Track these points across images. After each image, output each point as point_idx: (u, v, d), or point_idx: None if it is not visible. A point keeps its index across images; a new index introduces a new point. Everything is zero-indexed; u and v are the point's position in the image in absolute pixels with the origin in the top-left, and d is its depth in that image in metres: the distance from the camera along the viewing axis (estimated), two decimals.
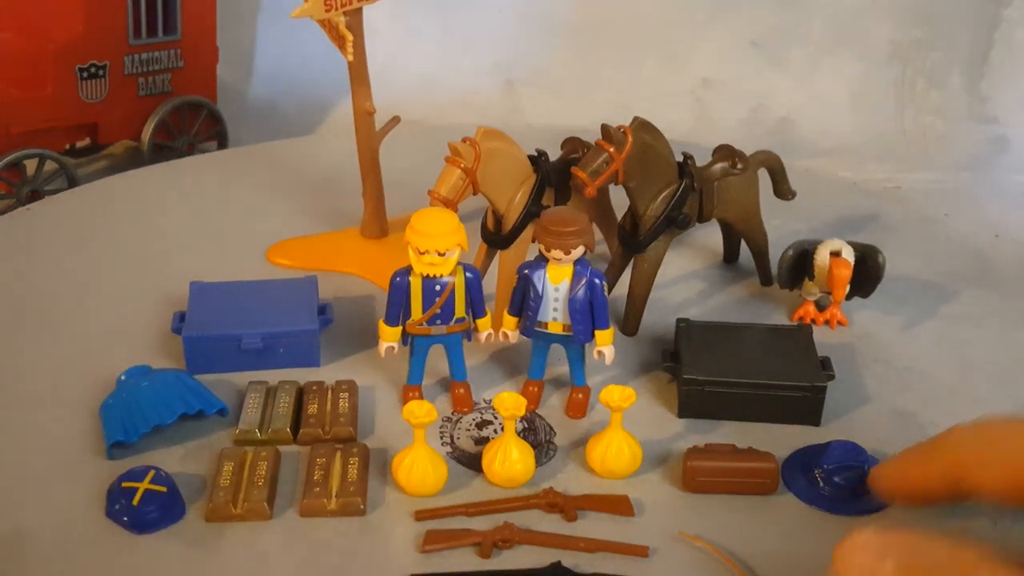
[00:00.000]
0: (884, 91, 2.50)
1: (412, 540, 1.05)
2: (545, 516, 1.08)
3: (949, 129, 2.45)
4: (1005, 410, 1.27)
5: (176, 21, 2.08)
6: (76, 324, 1.40)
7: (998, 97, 2.47)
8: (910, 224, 1.74)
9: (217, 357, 1.28)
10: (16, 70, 1.90)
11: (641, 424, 1.19)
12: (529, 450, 1.13)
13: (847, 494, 1.11)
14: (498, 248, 1.37)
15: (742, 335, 1.30)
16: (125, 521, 1.05)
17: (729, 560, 1.03)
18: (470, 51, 2.58)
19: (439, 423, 1.22)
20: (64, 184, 1.97)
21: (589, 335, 1.18)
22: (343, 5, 1.33)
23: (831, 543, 1.05)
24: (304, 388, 1.25)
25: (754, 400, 1.22)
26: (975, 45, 2.48)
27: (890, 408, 1.27)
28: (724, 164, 1.41)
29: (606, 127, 1.27)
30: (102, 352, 1.33)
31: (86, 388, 1.25)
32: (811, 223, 1.67)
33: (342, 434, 1.18)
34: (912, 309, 1.48)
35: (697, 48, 2.55)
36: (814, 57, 2.52)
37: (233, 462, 1.11)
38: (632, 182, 1.31)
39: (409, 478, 1.09)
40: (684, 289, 1.52)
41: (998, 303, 1.51)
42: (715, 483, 1.11)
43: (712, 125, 2.43)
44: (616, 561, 1.03)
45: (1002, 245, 1.72)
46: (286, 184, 1.81)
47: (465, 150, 1.26)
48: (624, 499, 1.10)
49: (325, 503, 1.07)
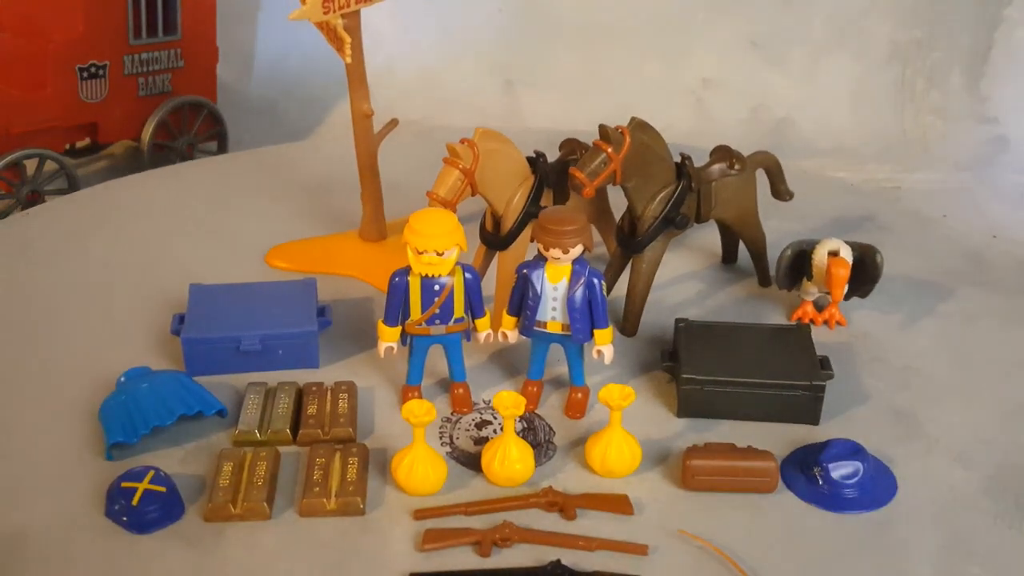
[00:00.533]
0: (884, 91, 2.50)
1: (411, 539, 1.05)
2: (545, 515, 1.09)
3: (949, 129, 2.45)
4: (1002, 409, 1.28)
5: (176, 21, 2.09)
6: (76, 326, 1.40)
7: (998, 97, 2.47)
8: (908, 224, 1.74)
9: (216, 358, 1.28)
10: (16, 70, 1.90)
11: (640, 423, 1.19)
12: (528, 450, 1.13)
13: (846, 492, 1.11)
14: (497, 249, 1.37)
15: (741, 335, 1.30)
16: (125, 521, 1.05)
17: (729, 558, 1.03)
18: (470, 51, 2.58)
19: (438, 423, 1.22)
20: (64, 184, 1.97)
21: (588, 334, 1.18)
22: (341, 8, 1.33)
23: (830, 541, 1.07)
24: (303, 389, 1.25)
25: (753, 399, 1.22)
26: (975, 45, 2.48)
27: (888, 407, 1.27)
28: (722, 165, 1.42)
29: (604, 128, 1.27)
30: (102, 353, 1.33)
31: (86, 389, 1.25)
32: (809, 223, 1.67)
33: (341, 434, 1.18)
34: (910, 308, 1.48)
35: (697, 48, 2.55)
36: (814, 57, 2.52)
37: (232, 462, 1.12)
38: (630, 183, 1.31)
39: (409, 478, 1.09)
40: (683, 289, 1.52)
41: (996, 302, 1.51)
42: (714, 482, 1.12)
43: (712, 125, 2.43)
44: (616, 560, 1.03)
45: (1000, 245, 1.73)
46: (285, 187, 1.81)
47: (463, 151, 1.26)
48: (624, 498, 1.11)
49: (324, 503, 1.08)
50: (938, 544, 1.07)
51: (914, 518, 1.10)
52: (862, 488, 1.12)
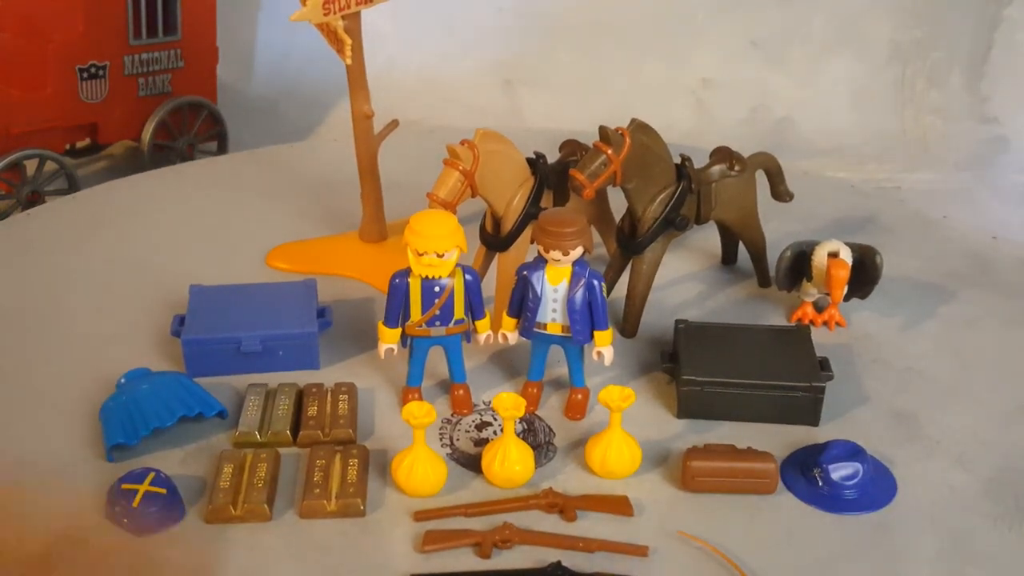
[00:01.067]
0: (884, 91, 2.50)
1: (412, 541, 1.05)
2: (545, 516, 1.09)
3: (949, 129, 2.45)
4: (1003, 410, 1.28)
5: (176, 21, 2.08)
6: (76, 327, 1.40)
7: (998, 97, 2.47)
8: (908, 225, 1.74)
9: (216, 360, 1.28)
10: (16, 70, 1.90)
11: (640, 424, 1.19)
12: (528, 451, 1.13)
13: (846, 493, 1.11)
14: (497, 250, 1.37)
15: (741, 336, 1.30)
16: (125, 523, 1.05)
17: (729, 559, 1.03)
18: (470, 51, 2.58)
19: (438, 424, 1.22)
20: (64, 184, 1.97)
21: (588, 336, 1.18)
22: (341, 9, 1.33)
23: (830, 542, 1.07)
24: (304, 390, 1.25)
25: (753, 400, 1.22)
26: (975, 45, 2.48)
27: (888, 408, 1.27)
28: (722, 166, 1.42)
29: (604, 129, 1.27)
30: (102, 355, 1.33)
31: (86, 391, 1.25)
32: (808, 224, 1.67)
33: (342, 436, 1.18)
34: (910, 310, 1.48)
35: (697, 48, 2.55)
36: (814, 57, 2.52)
37: (233, 464, 1.12)
38: (630, 184, 1.31)
39: (409, 479, 1.09)
40: (683, 290, 1.52)
41: (996, 303, 1.51)
42: (714, 483, 1.12)
43: (712, 125, 2.43)
44: (616, 561, 1.03)
45: (1000, 246, 1.73)
46: (285, 188, 1.81)
47: (464, 152, 1.26)
48: (624, 499, 1.11)
49: (325, 504, 1.08)
50: (938, 546, 1.07)
51: (914, 520, 1.10)
52: (862, 489, 1.12)
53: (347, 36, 1.35)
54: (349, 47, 1.36)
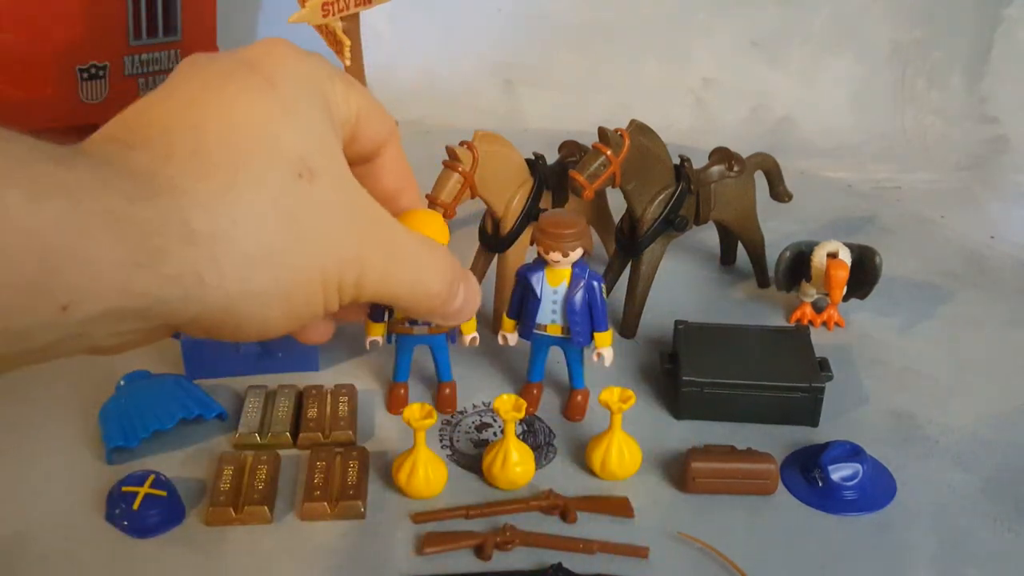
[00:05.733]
0: (884, 91, 2.50)
1: (412, 542, 1.05)
2: (545, 518, 1.09)
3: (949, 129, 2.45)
4: (1002, 410, 1.28)
5: (176, 21, 2.08)
6: None
7: (998, 97, 2.46)
8: (907, 225, 1.74)
9: (216, 361, 1.28)
10: (16, 70, 1.90)
11: (640, 426, 1.19)
12: (529, 452, 1.13)
13: (846, 494, 1.12)
14: (496, 251, 1.37)
15: (740, 337, 1.30)
16: (125, 525, 1.05)
17: (729, 560, 1.03)
18: (470, 51, 2.58)
19: (439, 426, 1.22)
20: None
21: (588, 337, 1.18)
22: (340, 11, 1.34)
23: (830, 543, 1.07)
24: (303, 392, 1.25)
25: (753, 401, 1.22)
26: (975, 45, 2.48)
27: (888, 408, 1.28)
28: (721, 167, 1.42)
29: (603, 130, 1.27)
30: (101, 357, 1.32)
31: (85, 393, 1.25)
32: (807, 225, 1.67)
33: (342, 438, 1.18)
34: (909, 310, 1.48)
35: (697, 48, 2.55)
36: (814, 57, 2.52)
37: (233, 466, 1.12)
38: (629, 185, 1.31)
39: (409, 481, 1.09)
40: (682, 291, 1.52)
41: (995, 304, 1.51)
42: (715, 484, 1.12)
43: (712, 125, 2.43)
44: (617, 562, 1.03)
45: (998, 246, 1.73)
46: None
47: (463, 154, 1.26)
48: (624, 500, 1.11)
49: (325, 506, 1.08)
50: (937, 546, 1.07)
51: (913, 520, 1.10)
52: (861, 490, 1.12)
53: (346, 37, 1.36)
54: (348, 48, 1.37)
